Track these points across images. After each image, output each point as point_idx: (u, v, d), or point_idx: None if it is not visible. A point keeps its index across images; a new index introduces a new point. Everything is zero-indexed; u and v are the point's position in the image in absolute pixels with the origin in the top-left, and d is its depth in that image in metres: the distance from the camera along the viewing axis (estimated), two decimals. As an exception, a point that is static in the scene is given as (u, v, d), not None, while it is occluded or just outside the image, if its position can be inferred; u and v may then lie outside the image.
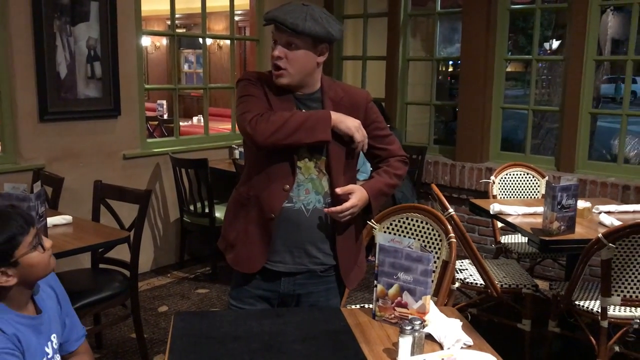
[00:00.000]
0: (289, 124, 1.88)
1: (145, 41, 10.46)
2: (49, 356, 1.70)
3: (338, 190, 1.95)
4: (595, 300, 2.87)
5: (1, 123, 3.79)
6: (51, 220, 2.80)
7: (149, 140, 4.67)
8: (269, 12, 1.91)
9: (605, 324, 2.72)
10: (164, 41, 10.95)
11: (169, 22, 4.92)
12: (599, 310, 2.74)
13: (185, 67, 11.42)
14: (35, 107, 3.80)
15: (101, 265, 3.28)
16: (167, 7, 4.64)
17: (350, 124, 1.94)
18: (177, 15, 4.81)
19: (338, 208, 1.94)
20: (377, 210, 2.10)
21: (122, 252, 3.12)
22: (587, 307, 2.83)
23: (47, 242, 1.69)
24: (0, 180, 3.28)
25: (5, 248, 1.56)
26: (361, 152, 4.81)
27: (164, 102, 8.96)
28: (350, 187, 1.98)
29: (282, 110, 1.93)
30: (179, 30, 8.72)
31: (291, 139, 1.88)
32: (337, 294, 2.12)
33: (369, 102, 2.08)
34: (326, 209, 1.95)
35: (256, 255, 2.01)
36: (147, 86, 5.45)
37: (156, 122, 8.70)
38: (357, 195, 1.97)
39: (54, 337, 1.74)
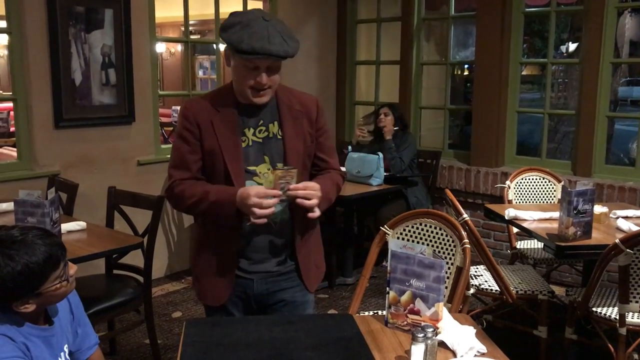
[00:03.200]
0: (199, 207, 1.95)
1: (160, 47, 10.53)
2: (62, 366, 1.70)
3: (300, 185, 1.91)
4: (613, 307, 2.82)
5: (17, 130, 3.84)
6: (65, 227, 2.82)
7: (163, 146, 4.69)
8: (247, 43, 1.81)
9: (623, 331, 2.67)
10: (178, 47, 11.02)
11: (183, 29, 4.93)
12: (617, 317, 2.70)
13: (200, 73, 11.48)
14: (51, 114, 3.83)
15: (115, 271, 3.29)
16: (181, 13, 4.66)
17: (250, 207, 1.86)
18: (191, 22, 4.84)
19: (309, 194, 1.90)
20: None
21: (136, 258, 3.13)
22: (605, 314, 2.79)
23: (71, 270, 1.68)
24: (16, 186, 3.31)
25: (32, 282, 1.56)
26: (378, 156, 4.74)
27: (179, 108, 9.01)
28: (308, 183, 1.96)
29: (226, 130, 1.95)
30: (193, 37, 8.78)
31: (202, 216, 2.04)
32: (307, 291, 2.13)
33: (319, 109, 2.10)
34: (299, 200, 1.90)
35: (220, 288, 2.05)
36: (161, 92, 5.47)
37: (171, 128, 8.75)
38: (316, 188, 1.94)
39: (66, 348, 1.74)
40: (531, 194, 4.01)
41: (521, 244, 3.92)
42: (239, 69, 1.91)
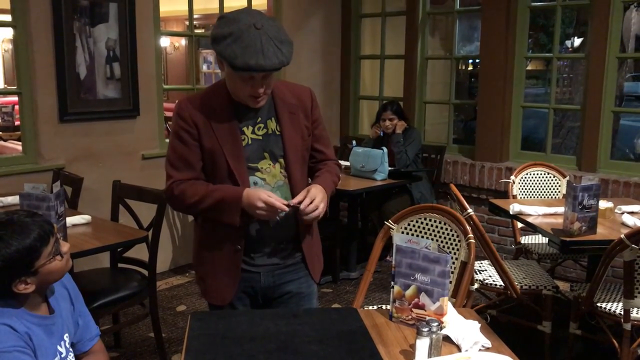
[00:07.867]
0: (202, 205, 1.93)
1: (164, 42, 10.53)
2: (62, 355, 1.71)
3: (298, 198, 1.92)
4: (618, 302, 2.82)
5: (22, 124, 3.85)
6: (71, 220, 2.83)
7: (168, 140, 4.69)
8: (242, 60, 1.77)
9: (628, 326, 2.67)
10: (182, 42, 11.01)
11: (187, 23, 4.93)
12: (622, 313, 2.70)
13: (204, 68, 11.46)
14: (55, 108, 3.84)
15: (120, 265, 3.30)
16: (186, 7, 4.66)
17: (257, 210, 1.87)
18: (195, 16, 4.83)
19: (311, 207, 1.91)
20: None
21: (140, 252, 3.14)
22: (610, 309, 2.78)
23: (64, 247, 1.68)
24: (21, 180, 3.31)
25: (26, 260, 1.57)
26: (382, 151, 4.73)
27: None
28: (310, 192, 1.94)
29: (225, 130, 1.93)
30: (197, 31, 8.76)
31: (204, 214, 1.99)
32: (312, 282, 2.15)
33: (313, 100, 2.09)
34: (303, 208, 1.90)
35: (225, 287, 2.03)
36: (165, 86, 5.48)
37: (175, 123, 8.73)
38: (319, 197, 1.93)
39: (66, 337, 1.75)
40: (536, 189, 4.01)
41: (525, 239, 3.91)
42: (233, 80, 1.88)
